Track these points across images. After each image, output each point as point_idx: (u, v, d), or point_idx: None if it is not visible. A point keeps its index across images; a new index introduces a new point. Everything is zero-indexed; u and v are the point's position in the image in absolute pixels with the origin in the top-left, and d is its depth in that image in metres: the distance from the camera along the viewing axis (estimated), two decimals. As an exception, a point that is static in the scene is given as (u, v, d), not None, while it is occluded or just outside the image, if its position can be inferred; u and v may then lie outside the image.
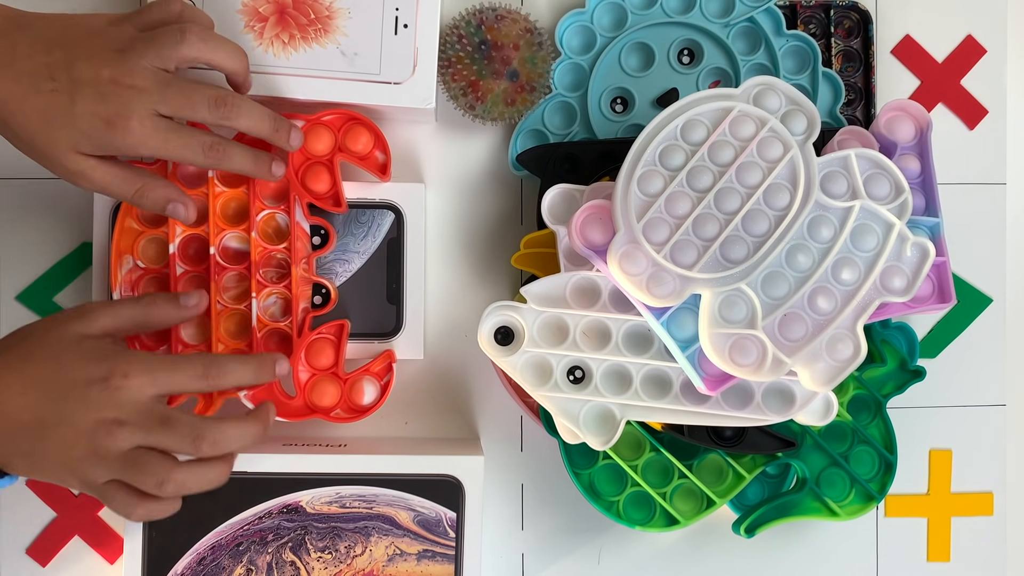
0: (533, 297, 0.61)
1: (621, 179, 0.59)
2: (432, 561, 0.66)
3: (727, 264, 0.58)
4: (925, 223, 0.62)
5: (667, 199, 0.59)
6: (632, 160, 0.59)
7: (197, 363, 0.59)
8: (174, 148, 0.59)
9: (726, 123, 0.60)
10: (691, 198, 0.59)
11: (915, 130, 0.64)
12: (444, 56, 0.66)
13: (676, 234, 0.59)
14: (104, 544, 0.71)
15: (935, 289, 0.62)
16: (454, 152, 0.72)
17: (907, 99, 0.65)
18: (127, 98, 0.57)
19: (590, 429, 0.61)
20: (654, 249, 0.58)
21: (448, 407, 0.72)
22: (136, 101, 0.57)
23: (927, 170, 0.63)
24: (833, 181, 0.60)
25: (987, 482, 0.73)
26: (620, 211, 0.59)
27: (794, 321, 0.58)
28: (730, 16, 0.69)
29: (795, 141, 0.60)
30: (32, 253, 0.70)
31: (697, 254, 0.58)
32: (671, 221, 0.59)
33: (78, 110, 0.57)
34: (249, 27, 0.65)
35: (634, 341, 0.61)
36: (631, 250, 0.59)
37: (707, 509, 0.65)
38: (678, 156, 0.60)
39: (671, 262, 0.58)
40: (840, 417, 0.65)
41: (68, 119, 0.57)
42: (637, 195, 0.59)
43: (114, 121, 0.57)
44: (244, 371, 0.61)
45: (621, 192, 0.59)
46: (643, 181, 0.59)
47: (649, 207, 0.59)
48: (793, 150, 0.59)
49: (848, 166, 0.60)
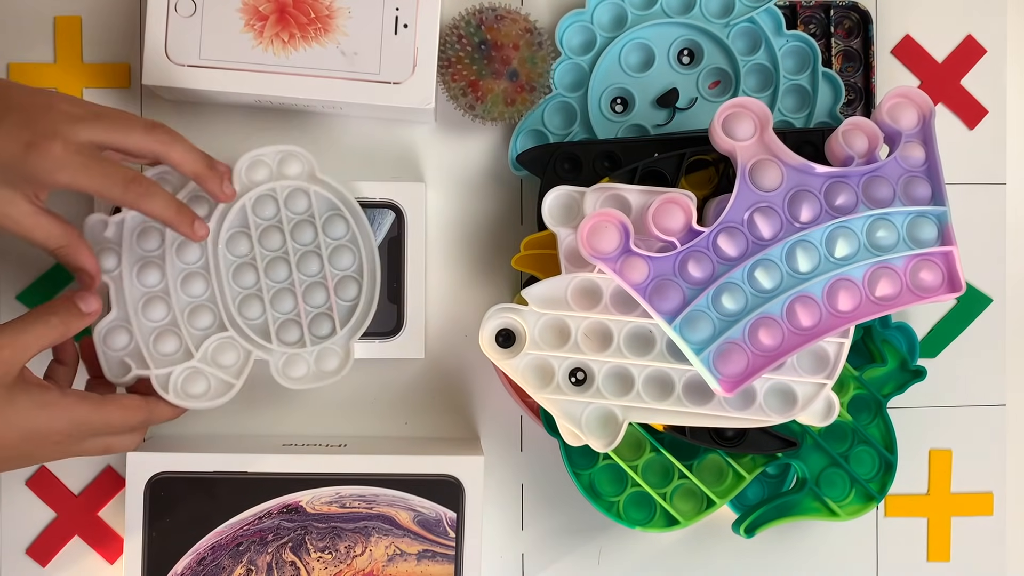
0: (534, 299, 0.61)
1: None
2: (432, 561, 0.66)
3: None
4: (932, 212, 0.61)
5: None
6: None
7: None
8: (95, 180, 0.57)
9: (248, 210, 0.65)
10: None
11: (918, 117, 0.63)
12: (444, 56, 0.66)
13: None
14: (104, 544, 0.71)
15: (944, 278, 0.61)
16: (454, 152, 0.71)
17: (909, 86, 0.64)
18: (56, 122, 0.56)
19: (592, 431, 0.61)
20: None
21: (448, 407, 0.72)
22: (63, 124, 0.56)
23: (931, 158, 0.62)
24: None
25: (987, 482, 0.73)
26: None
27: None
28: (730, 16, 0.69)
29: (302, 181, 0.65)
30: (32, 253, 0.70)
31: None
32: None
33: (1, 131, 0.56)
34: (249, 26, 0.65)
35: (636, 343, 0.61)
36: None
37: (707, 509, 0.65)
38: (243, 244, 0.66)
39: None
40: (840, 417, 0.65)
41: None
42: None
43: (35, 142, 0.55)
44: (45, 330, 0.58)
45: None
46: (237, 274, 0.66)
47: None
48: (312, 188, 0.66)
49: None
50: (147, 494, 0.65)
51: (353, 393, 0.71)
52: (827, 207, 0.60)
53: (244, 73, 0.65)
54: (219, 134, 0.70)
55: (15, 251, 0.70)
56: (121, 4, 0.70)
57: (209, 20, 0.65)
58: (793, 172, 0.61)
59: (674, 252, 0.60)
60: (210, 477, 0.65)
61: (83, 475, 0.71)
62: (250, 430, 0.71)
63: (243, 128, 0.70)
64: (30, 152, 0.56)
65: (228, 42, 0.65)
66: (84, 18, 0.70)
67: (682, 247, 0.60)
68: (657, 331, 0.61)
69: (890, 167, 0.61)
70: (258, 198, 0.66)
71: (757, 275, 0.60)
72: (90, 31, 0.70)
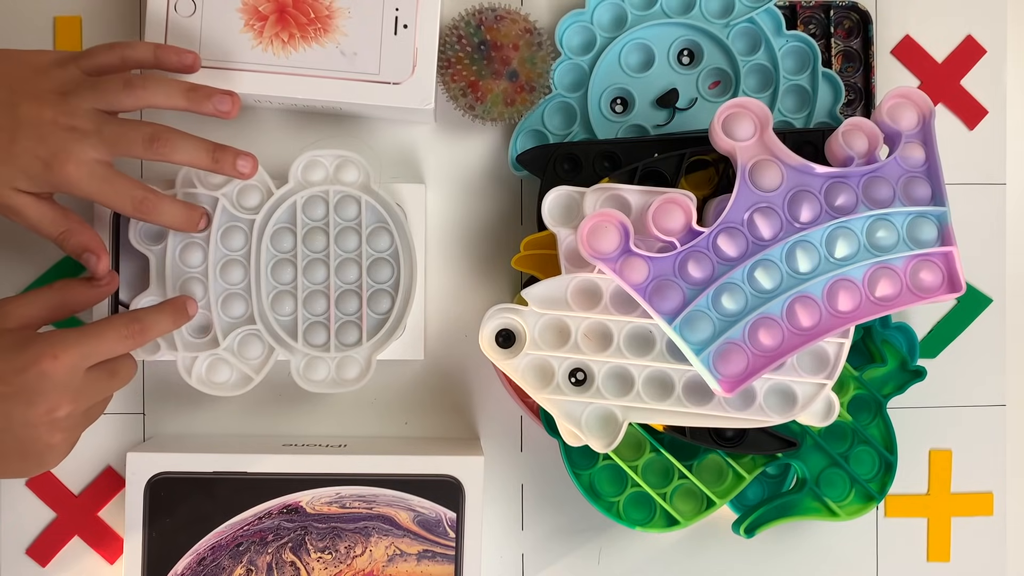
0: (534, 299, 0.61)
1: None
2: (432, 561, 0.66)
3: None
4: (932, 212, 0.61)
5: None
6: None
7: (118, 324, 0.59)
8: (106, 196, 0.60)
9: (299, 208, 0.66)
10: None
11: (918, 117, 0.63)
12: (444, 56, 0.66)
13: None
14: (104, 544, 0.71)
15: (944, 279, 0.61)
16: (454, 152, 0.71)
17: (909, 86, 0.64)
18: (66, 140, 0.59)
19: (592, 431, 0.61)
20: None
21: (448, 407, 0.72)
22: (74, 144, 0.59)
23: (931, 158, 0.62)
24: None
25: (987, 482, 0.73)
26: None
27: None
28: (730, 16, 0.69)
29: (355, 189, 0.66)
30: (32, 253, 0.70)
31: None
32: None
33: (18, 149, 0.58)
34: (249, 26, 0.65)
35: (636, 343, 0.61)
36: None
37: (707, 509, 0.65)
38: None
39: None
40: (840, 417, 0.65)
41: (8, 156, 0.58)
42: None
43: (51, 163, 0.58)
44: (164, 319, 0.62)
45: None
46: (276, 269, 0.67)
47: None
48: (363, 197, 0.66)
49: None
50: (147, 494, 0.65)
51: (353, 393, 0.71)
52: (827, 207, 0.60)
53: (244, 73, 0.65)
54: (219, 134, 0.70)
55: (15, 251, 0.70)
56: (121, 4, 0.70)
57: (209, 20, 0.65)
58: (793, 172, 0.61)
59: (674, 252, 0.60)
60: (210, 477, 0.65)
61: (83, 475, 0.71)
62: (250, 430, 0.71)
63: (243, 128, 0.70)
64: (48, 170, 0.59)
65: (228, 42, 0.65)
66: (84, 18, 0.70)
67: (682, 247, 0.60)
68: (657, 331, 0.61)
69: (890, 167, 0.61)
70: (310, 198, 0.66)
71: (757, 275, 0.60)
72: (90, 31, 0.70)
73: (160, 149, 0.60)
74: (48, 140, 0.58)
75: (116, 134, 0.60)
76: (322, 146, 0.70)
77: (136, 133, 0.60)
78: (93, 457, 0.70)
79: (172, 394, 0.70)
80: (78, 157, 0.59)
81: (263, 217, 0.66)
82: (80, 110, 0.59)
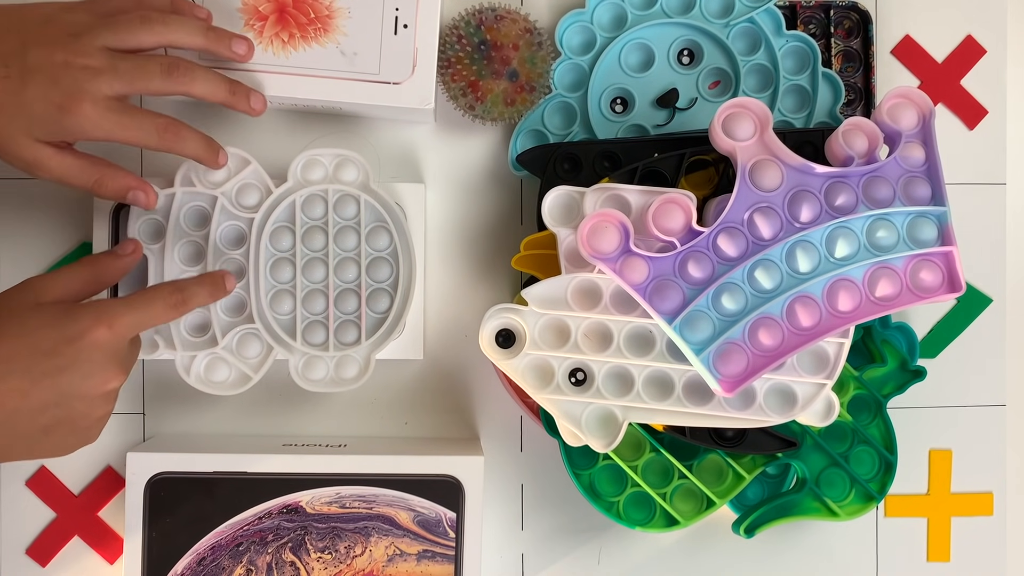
0: (534, 299, 0.61)
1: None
2: (432, 561, 0.66)
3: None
4: (932, 212, 0.61)
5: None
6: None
7: (164, 292, 0.59)
8: (128, 130, 0.58)
9: (297, 207, 0.66)
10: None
11: (918, 117, 0.63)
12: (444, 56, 0.66)
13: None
14: (104, 544, 0.71)
15: (944, 278, 0.61)
16: (454, 152, 0.71)
17: (909, 86, 0.64)
18: (79, 80, 0.57)
19: (592, 431, 0.61)
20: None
21: (448, 407, 0.72)
22: (88, 82, 0.57)
23: (931, 158, 0.62)
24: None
25: (987, 482, 0.73)
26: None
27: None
28: (730, 16, 0.69)
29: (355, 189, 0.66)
30: (32, 253, 0.70)
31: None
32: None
33: (30, 95, 0.56)
34: (249, 26, 0.65)
35: (636, 343, 0.61)
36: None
37: (707, 509, 0.65)
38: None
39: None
40: (840, 417, 0.65)
41: (20, 106, 0.56)
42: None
43: (66, 105, 0.56)
44: (202, 291, 0.61)
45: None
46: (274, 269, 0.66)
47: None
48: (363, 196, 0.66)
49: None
50: (147, 494, 0.65)
51: (353, 393, 0.71)
52: (827, 207, 0.60)
53: (244, 73, 0.65)
54: (219, 134, 0.70)
55: (15, 251, 0.70)
56: None
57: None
58: (793, 172, 0.61)
59: (674, 252, 0.60)
60: (210, 477, 0.65)
61: (83, 475, 0.71)
62: (250, 430, 0.71)
63: (243, 127, 0.70)
64: (63, 114, 0.57)
65: (228, 42, 0.65)
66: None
67: (682, 247, 0.60)
68: (657, 331, 0.61)
69: (890, 167, 0.61)
70: (308, 197, 0.66)
71: (757, 275, 0.60)
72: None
73: (180, 78, 0.59)
74: (61, 82, 0.56)
75: (132, 68, 0.58)
76: (322, 144, 0.70)
77: (153, 64, 0.59)
78: (93, 457, 0.70)
79: (172, 394, 0.70)
80: (94, 95, 0.57)
81: (262, 216, 0.66)
82: (92, 48, 0.57)
